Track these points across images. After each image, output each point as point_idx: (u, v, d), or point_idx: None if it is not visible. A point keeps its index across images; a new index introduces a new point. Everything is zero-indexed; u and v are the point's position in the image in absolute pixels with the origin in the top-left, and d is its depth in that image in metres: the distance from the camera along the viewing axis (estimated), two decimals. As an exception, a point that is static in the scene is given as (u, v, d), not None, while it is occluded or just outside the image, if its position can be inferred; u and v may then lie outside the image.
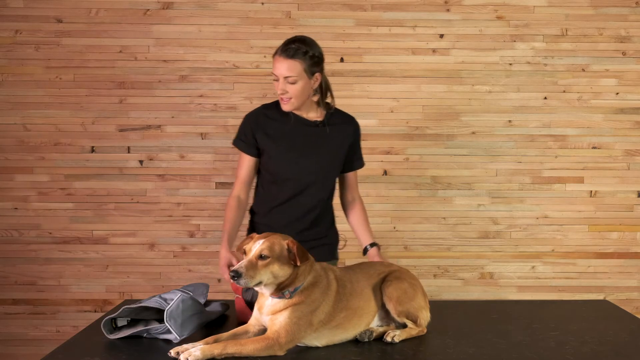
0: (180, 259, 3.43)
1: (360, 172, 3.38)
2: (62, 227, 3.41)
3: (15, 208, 3.40)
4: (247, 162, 2.30)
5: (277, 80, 2.18)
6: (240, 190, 2.29)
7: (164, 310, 1.79)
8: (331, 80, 3.38)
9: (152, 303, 1.84)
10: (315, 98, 2.28)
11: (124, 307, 1.87)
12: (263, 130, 2.26)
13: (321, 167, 2.28)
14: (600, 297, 3.50)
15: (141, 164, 3.41)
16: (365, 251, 2.33)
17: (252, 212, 2.39)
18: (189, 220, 3.43)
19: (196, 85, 3.39)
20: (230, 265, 2.06)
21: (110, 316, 1.87)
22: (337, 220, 2.44)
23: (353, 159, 2.37)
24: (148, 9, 3.36)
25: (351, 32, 3.40)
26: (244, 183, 2.31)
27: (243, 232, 2.31)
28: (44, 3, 3.33)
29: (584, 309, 2.32)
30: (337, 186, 2.42)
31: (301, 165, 2.25)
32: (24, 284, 3.42)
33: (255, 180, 2.38)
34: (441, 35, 3.42)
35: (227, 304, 2.16)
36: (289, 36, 3.36)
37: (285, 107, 2.21)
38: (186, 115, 3.40)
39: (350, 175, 2.40)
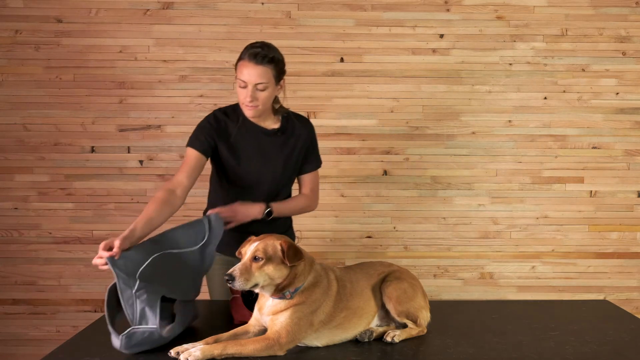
0: (180, 259, 3.42)
1: (360, 172, 3.43)
2: (62, 227, 3.41)
3: (15, 208, 3.40)
4: (199, 159, 2.16)
5: (244, 87, 2.10)
6: (177, 184, 2.08)
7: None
8: (331, 80, 3.42)
9: (129, 310, 1.78)
10: (277, 105, 2.25)
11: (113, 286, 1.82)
12: (224, 138, 2.22)
13: (279, 174, 2.28)
14: (600, 297, 3.50)
15: (141, 164, 3.41)
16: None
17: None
18: (189, 220, 3.41)
19: (196, 85, 3.39)
20: (109, 247, 1.81)
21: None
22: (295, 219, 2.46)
23: (306, 162, 2.34)
24: (148, 9, 3.37)
25: (351, 32, 3.40)
26: (186, 176, 2.11)
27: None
28: (44, 3, 3.33)
29: (584, 309, 2.32)
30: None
31: (262, 174, 2.25)
32: (24, 284, 3.42)
33: (210, 181, 2.37)
34: (441, 35, 3.42)
35: (192, 314, 1.98)
36: (289, 36, 3.40)
37: (250, 114, 2.16)
38: (186, 115, 3.40)
39: (304, 177, 2.37)
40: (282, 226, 2.36)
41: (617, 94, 3.46)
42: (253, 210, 2.18)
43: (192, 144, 2.19)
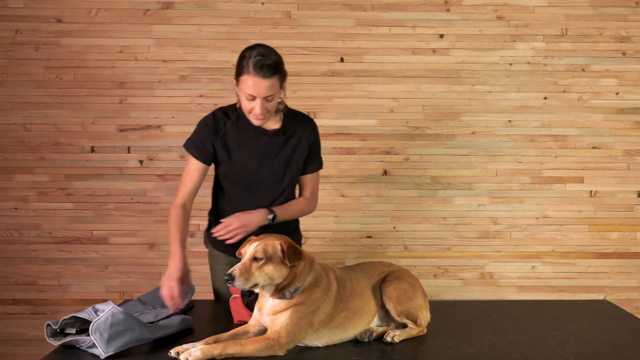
0: (180, 259, 3.42)
1: (360, 172, 3.43)
2: (62, 227, 3.41)
3: (15, 208, 3.40)
4: (199, 170, 2.21)
5: (252, 99, 2.05)
6: (186, 199, 2.20)
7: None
8: (331, 80, 3.42)
9: (83, 314, 1.76)
10: (281, 106, 2.21)
11: (63, 318, 1.79)
12: (222, 139, 2.20)
13: (283, 174, 2.25)
14: (600, 297, 3.50)
15: (141, 164, 3.41)
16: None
17: (215, 216, 2.36)
18: (189, 220, 3.42)
19: (196, 85, 3.39)
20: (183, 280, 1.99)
21: (52, 326, 1.80)
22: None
23: (309, 163, 2.30)
24: (148, 9, 3.37)
25: (351, 32, 3.40)
26: (192, 192, 2.21)
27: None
28: (44, 3, 3.33)
29: (584, 309, 2.32)
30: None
31: (263, 175, 2.23)
32: (24, 284, 3.42)
33: (214, 184, 2.34)
34: (441, 35, 3.42)
35: (189, 319, 1.99)
36: (289, 36, 3.40)
37: (259, 123, 2.14)
38: (186, 115, 3.40)
39: (305, 177, 2.33)
40: (289, 227, 2.34)
41: (617, 94, 3.46)
42: (257, 217, 2.16)
43: (192, 152, 2.21)
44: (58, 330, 1.81)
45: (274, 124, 2.23)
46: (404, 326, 1.90)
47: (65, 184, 3.40)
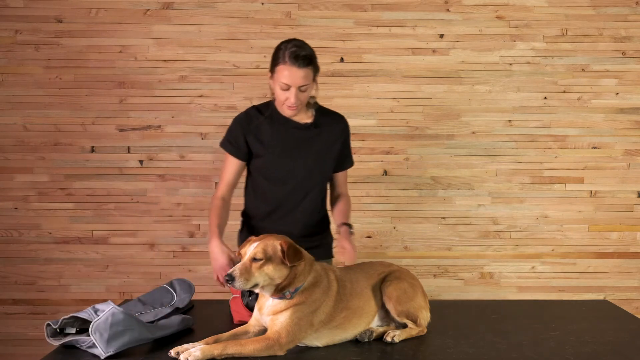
0: (180, 259, 3.43)
1: (360, 172, 3.43)
2: (62, 227, 3.41)
3: (15, 208, 3.40)
4: (234, 165, 2.27)
5: (286, 89, 2.13)
6: (225, 192, 2.27)
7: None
8: (331, 80, 3.42)
9: (83, 314, 1.77)
10: (312, 100, 2.30)
11: (62, 318, 1.80)
12: (255, 134, 2.24)
13: (314, 169, 2.28)
14: (600, 297, 3.50)
15: (141, 164, 3.41)
16: (338, 231, 2.28)
17: (246, 215, 2.38)
18: (189, 220, 3.43)
19: (196, 85, 3.39)
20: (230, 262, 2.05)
21: (52, 326, 1.80)
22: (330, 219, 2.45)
23: (343, 159, 2.38)
24: (148, 9, 3.37)
25: (351, 32, 3.40)
26: (229, 186, 2.28)
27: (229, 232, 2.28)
28: (44, 3, 3.33)
29: (584, 309, 2.32)
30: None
31: (295, 168, 2.25)
32: (24, 284, 3.42)
33: (246, 183, 2.37)
34: (441, 35, 3.42)
35: (189, 319, 1.98)
36: (289, 36, 3.36)
37: (291, 114, 2.22)
38: (186, 115, 3.40)
39: (339, 174, 2.40)
40: (323, 225, 2.41)
41: (617, 94, 3.46)
42: (350, 236, 2.21)
43: (227, 148, 2.27)
44: (58, 330, 1.80)
45: (306, 118, 2.28)
46: (404, 326, 1.90)
47: (65, 184, 3.40)
